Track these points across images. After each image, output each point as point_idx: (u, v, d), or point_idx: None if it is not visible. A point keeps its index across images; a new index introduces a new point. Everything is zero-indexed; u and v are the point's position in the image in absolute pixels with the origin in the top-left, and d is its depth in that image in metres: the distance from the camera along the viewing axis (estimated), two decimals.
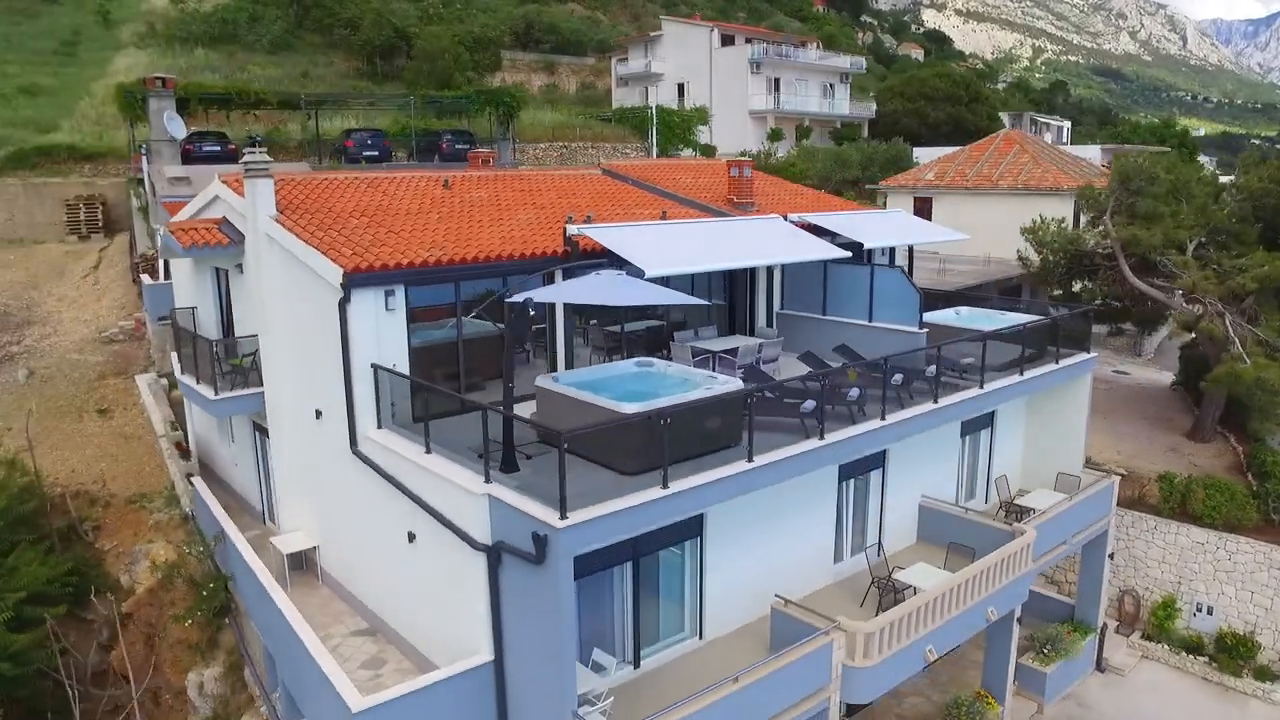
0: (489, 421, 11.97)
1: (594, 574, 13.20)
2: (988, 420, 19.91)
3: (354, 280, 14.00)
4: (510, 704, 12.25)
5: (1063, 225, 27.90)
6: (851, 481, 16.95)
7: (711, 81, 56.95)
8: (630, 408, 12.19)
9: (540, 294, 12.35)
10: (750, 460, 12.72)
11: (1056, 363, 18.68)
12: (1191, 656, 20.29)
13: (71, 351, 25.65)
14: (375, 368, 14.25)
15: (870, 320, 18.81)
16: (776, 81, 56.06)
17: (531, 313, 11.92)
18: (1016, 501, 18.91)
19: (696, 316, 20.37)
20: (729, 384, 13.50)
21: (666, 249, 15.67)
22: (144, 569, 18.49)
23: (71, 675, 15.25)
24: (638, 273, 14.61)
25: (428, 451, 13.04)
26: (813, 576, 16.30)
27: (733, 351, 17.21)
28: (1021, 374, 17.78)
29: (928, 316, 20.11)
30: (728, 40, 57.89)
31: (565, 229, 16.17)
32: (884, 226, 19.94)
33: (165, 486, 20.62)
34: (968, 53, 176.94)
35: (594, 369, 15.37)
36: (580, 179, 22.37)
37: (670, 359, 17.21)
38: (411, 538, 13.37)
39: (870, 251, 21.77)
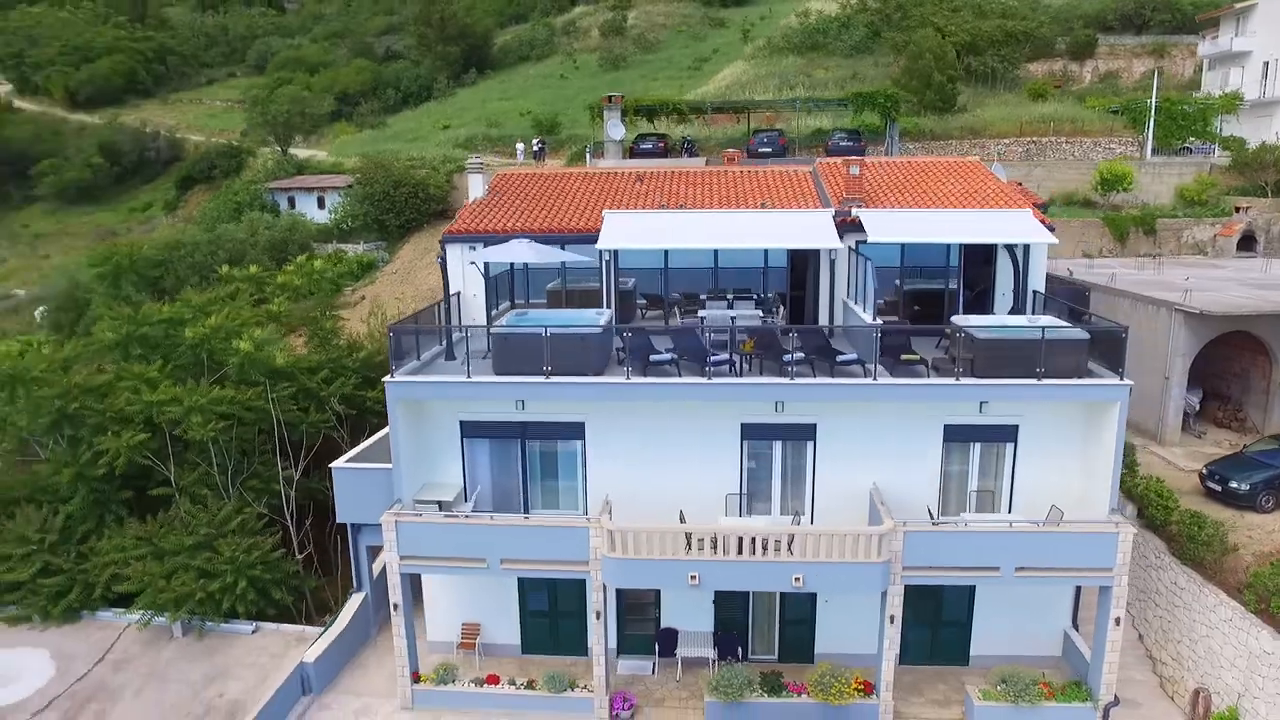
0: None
1: (496, 439, 20.09)
2: (1005, 435, 19.28)
3: (447, 238, 23.07)
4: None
5: None
6: (777, 444, 19.66)
7: None
8: (502, 329, 18.88)
9: (481, 254, 19.79)
10: (547, 378, 18.21)
11: (1038, 380, 17.65)
12: None
13: None
14: (458, 295, 23.08)
15: (863, 310, 20.28)
16: None
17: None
18: (964, 515, 18.57)
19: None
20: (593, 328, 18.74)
21: (646, 232, 20.84)
22: None
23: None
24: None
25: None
26: (711, 512, 19.68)
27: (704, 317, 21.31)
28: (957, 380, 17.75)
29: (985, 319, 20.10)
30: None
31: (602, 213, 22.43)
32: (915, 225, 20.48)
33: None
34: None
35: (572, 311, 21.56)
36: (773, 175, 26.67)
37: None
38: None
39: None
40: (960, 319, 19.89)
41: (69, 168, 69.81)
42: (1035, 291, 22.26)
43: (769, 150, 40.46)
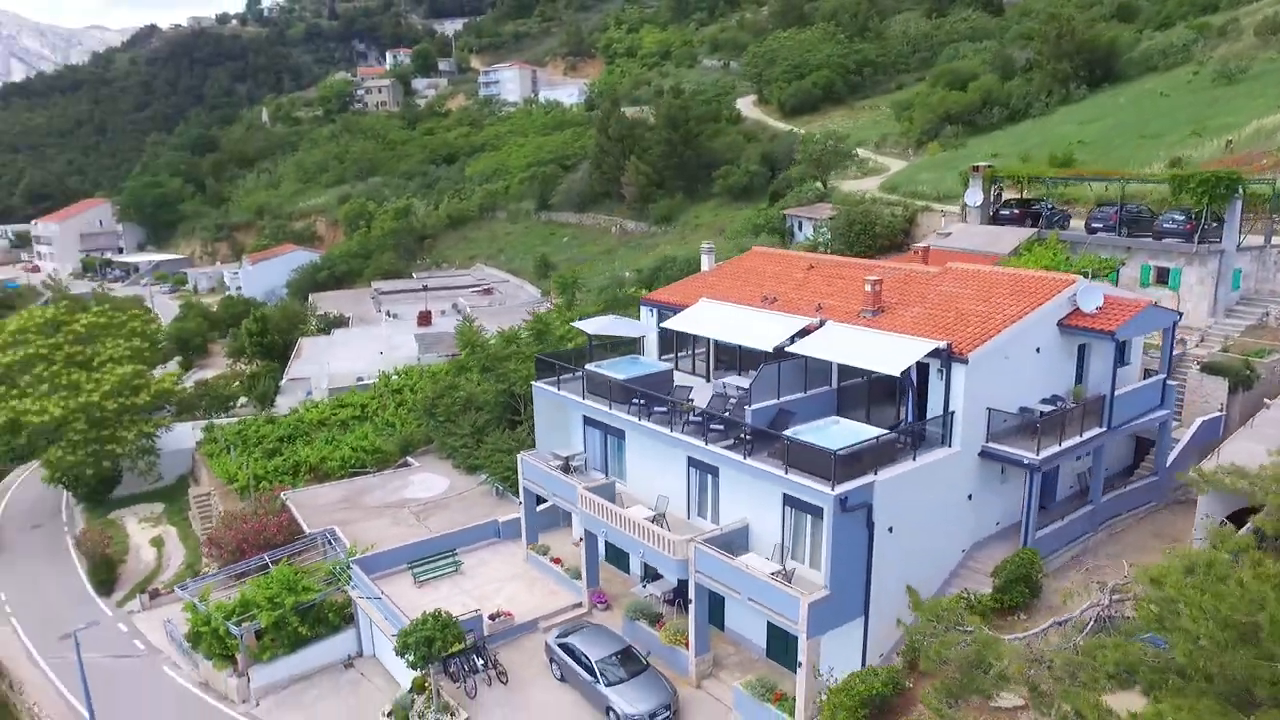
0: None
1: (601, 428, 35.02)
2: (816, 511, 26.71)
3: (641, 300, 37.88)
4: None
5: None
6: (708, 475, 30.46)
7: None
8: (586, 370, 33.99)
9: (581, 324, 34.70)
10: (582, 399, 32.68)
11: (785, 474, 25.63)
12: None
13: None
14: (641, 338, 37.74)
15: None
16: None
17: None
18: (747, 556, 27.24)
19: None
20: (615, 376, 32.42)
21: (707, 320, 32.83)
22: None
23: None
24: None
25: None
26: (671, 504, 31.63)
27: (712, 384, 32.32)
28: (744, 458, 26.75)
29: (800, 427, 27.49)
30: None
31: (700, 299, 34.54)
32: (831, 344, 28.08)
33: None
34: None
35: (647, 362, 34.58)
36: (919, 278, 34.00)
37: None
38: None
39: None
40: (828, 421, 27.82)
41: (735, 173, 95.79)
42: (953, 411, 27.55)
43: (1099, 226, 41.75)
